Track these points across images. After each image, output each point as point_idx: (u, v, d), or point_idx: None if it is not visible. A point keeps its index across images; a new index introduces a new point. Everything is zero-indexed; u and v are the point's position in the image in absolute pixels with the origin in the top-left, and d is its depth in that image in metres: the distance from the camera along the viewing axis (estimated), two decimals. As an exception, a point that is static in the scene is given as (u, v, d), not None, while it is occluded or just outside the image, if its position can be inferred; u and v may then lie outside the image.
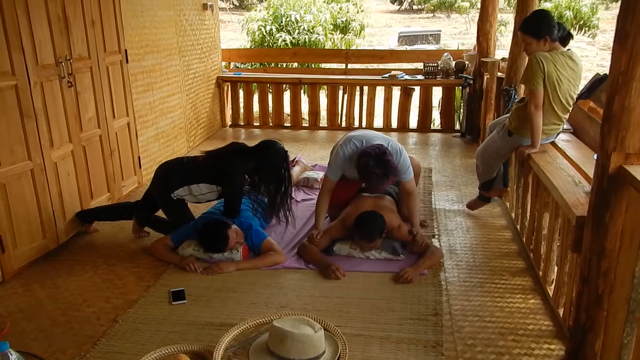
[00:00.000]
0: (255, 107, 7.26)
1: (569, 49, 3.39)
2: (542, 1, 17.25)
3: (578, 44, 22.64)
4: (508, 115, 3.75)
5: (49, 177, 3.45)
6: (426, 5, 32.16)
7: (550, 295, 2.92)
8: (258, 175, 3.53)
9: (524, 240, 3.58)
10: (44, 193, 3.41)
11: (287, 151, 3.59)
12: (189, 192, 3.51)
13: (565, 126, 3.65)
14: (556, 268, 2.89)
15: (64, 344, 2.63)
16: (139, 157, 4.70)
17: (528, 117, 3.32)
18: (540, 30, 3.30)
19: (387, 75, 6.77)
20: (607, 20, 20.11)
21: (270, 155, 3.49)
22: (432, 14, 32.03)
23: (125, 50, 4.36)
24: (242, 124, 7.14)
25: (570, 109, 3.46)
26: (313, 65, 8.58)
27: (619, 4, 2.03)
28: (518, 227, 3.80)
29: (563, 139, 3.65)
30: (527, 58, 4.05)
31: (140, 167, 4.73)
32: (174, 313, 2.85)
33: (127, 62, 4.40)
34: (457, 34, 25.69)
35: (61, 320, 2.82)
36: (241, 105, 7.14)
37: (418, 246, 3.37)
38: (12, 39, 3.07)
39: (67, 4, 3.58)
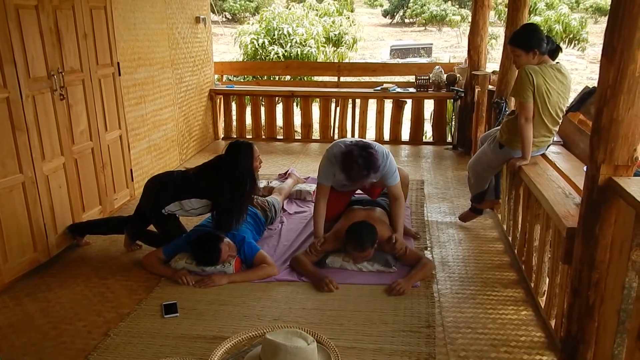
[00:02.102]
0: (248, 119, 7.27)
1: (558, 62, 3.43)
2: (531, 15, 17.47)
3: (568, 57, 22.91)
4: (499, 127, 3.78)
5: (41, 190, 3.44)
6: (418, 19, 32.48)
7: (542, 306, 2.93)
8: (243, 187, 3.52)
9: (516, 251, 3.60)
10: (35, 206, 3.39)
11: (250, 144, 3.59)
12: (180, 207, 3.51)
13: (555, 138, 3.68)
14: (547, 279, 2.90)
15: (55, 358, 2.60)
16: (131, 170, 4.69)
17: (518, 129, 3.35)
18: (529, 43, 3.35)
19: (379, 88, 6.81)
20: (596, 33, 20.41)
21: (241, 162, 3.49)
22: (423, 28, 32.34)
23: (118, 63, 4.37)
24: (235, 136, 7.13)
25: (560, 121, 3.50)
26: (305, 78, 8.62)
27: (607, 18, 2.07)
28: (510, 238, 3.81)
29: (553, 151, 3.68)
30: (517, 71, 4.10)
31: (132, 180, 4.72)
32: (166, 326, 2.83)
33: (120, 74, 4.41)
34: (448, 47, 25.94)
35: (52, 334, 2.79)
36: (234, 117, 7.15)
37: (399, 253, 3.38)
38: (4, 51, 3.08)
39: (60, 17, 3.60)
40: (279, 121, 7.17)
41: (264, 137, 7.12)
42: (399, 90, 6.75)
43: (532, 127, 3.33)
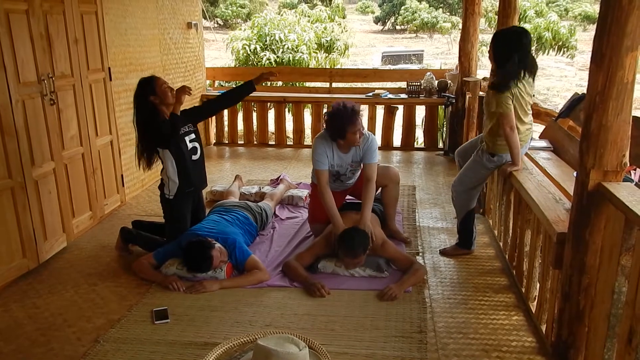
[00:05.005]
0: (240, 125, 7.26)
1: None
2: (521, 22, 17.62)
3: (557, 64, 23.14)
4: (474, 141, 3.79)
5: (30, 195, 3.41)
6: (409, 26, 32.71)
7: (533, 311, 2.94)
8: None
9: (507, 257, 3.61)
10: (24, 212, 3.37)
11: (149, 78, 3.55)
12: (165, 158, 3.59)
13: (545, 144, 3.71)
14: (538, 284, 2.92)
15: (43, 365, 2.57)
16: (121, 176, 4.66)
17: (504, 138, 3.31)
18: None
19: (371, 94, 6.83)
20: (585, 41, 20.63)
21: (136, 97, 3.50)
22: (415, 34, 32.57)
23: (109, 68, 4.36)
24: (227, 142, 7.13)
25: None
26: (297, 84, 8.63)
27: (595, 25, 2.10)
28: (501, 244, 3.83)
29: (544, 157, 3.71)
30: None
31: (123, 186, 4.70)
32: (157, 333, 2.81)
33: (111, 79, 4.39)
34: (439, 53, 26.12)
35: (41, 341, 2.76)
36: (225, 123, 7.14)
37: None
38: (-6, 56, 3.06)
39: (50, 21, 3.58)
40: (271, 127, 7.17)
41: (255, 142, 7.11)
42: (390, 96, 6.77)
43: (517, 134, 3.32)
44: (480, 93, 5.40)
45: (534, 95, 3.55)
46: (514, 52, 3.19)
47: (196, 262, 3.29)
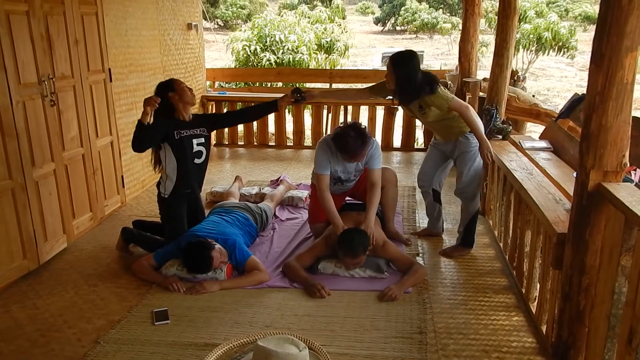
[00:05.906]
0: (240, 126, 7.26)
1: None
2: (521, 23, 17.64)
3: (557, 64, 23.16)
4: (429, 163, 3.92)
5: (30, 196, 3.41)
6: (409, 27, 32.72)
7: (533, 312, 2.94)
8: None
9: (507, 257, 3.61)
10: (24, 212, 3.37)
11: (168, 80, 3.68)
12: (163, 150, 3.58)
13: (545, 145, 3.71)
14: (538, 285, 2.92)
15: (44, 366, 2.57)
16: (122, 177, 4.67)
17: (469, 117, 3.46)
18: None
19: (371, 94, 6.82)
20: (585, 41, 20.63)
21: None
22: (415, 35, 32.60)
23: (109, 69, 4.36)
24: (227, 143, 7.14)
25: None
26: (297, 85, 8.63)
27: (595, 26, 2.10)
28: (501, 244, 3.83)
29: (544, 157, 3.71)
30: (507, 78, 4.16)
31: (123, 187, 4.70)
32: (157, 333, 2.82)
33: (111, 81, 4.40)
34: (439, 54, 26.13)
35: (41, 342, 2.76)
36: (226, 124, 7.13)
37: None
38: (-5, 57, 3.06)
39: (51, 23, 3.59)
40: (271, 128, 7.18)
41: (255, 143, 7.11)
42: (390, 97, 6.76)
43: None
44: (481, 94, 5.39)
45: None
46: (419, 70, 3.54)
47: (196, 263, 3.29)
